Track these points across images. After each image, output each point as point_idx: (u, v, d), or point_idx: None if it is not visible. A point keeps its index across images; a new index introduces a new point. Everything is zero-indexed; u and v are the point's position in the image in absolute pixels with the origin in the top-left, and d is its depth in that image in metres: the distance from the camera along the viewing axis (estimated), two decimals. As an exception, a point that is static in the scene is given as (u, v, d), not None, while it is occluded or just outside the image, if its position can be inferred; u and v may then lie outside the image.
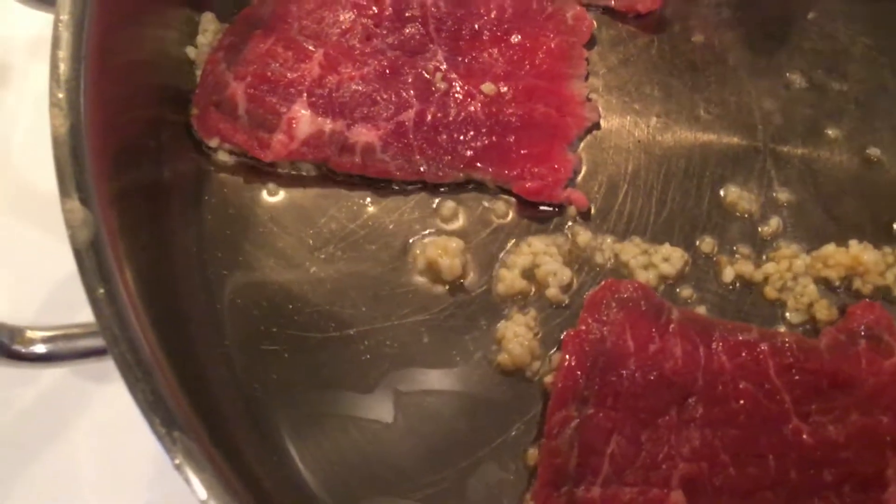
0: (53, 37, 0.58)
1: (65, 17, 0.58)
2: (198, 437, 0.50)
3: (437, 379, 0.70)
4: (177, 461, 0.48)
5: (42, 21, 0.80)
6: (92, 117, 0.59)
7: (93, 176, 0.56)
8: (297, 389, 0.69)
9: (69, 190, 0.53)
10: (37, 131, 0.86)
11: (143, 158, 0.70)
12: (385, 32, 0.80)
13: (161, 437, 0.49)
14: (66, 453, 0.73)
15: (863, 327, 0.69)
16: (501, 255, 0.74)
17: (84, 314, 0.77)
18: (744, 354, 0.68)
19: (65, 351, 0.58)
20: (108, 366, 0.57)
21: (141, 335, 0.52)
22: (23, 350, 0.57)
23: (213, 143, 0.75)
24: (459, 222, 0.75)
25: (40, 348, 0.57)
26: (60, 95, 0.56)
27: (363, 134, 0.76)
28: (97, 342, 0.57)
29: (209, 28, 0.79)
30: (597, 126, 0.79)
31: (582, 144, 0.79)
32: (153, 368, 0.51)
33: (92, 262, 0.52)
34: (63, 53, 0.57)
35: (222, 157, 0.76)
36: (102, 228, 0.53)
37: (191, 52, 0.78)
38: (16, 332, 0.57)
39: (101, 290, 0.51)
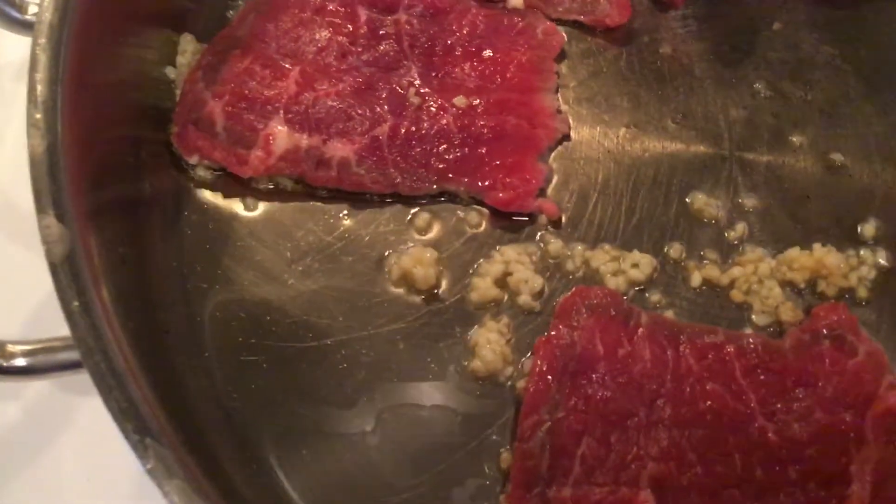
0: (31, 59, 0.60)
1: (42, 40, 0.60)
2: (172, 445, 0.52)
3: (412, 386, 0.71)
4: (149, 466, 0.50)
5: (28, 45, 0.82)
6: (70, 136, 0.61)
7: (70, 193, 0.57)
8: (276, 399, 0.70)
9: (45, 207, 0.55)
10: (22, 152, 0.89)
11: (122, 175, 0.72)
12: (360, 50, 0.82)
13: (133, 444, 0.50)
14: (51, 466, 0.75)
15: (826, 328, 0.70)
16: (475, 264, 0.76)
17: (66, 328, 0.80)
18: (710, 356, 0.69)
19: (45, 364, 0.59)
20: (92, 378, 0.60)
21: (115, 346, 0.54)
22: (4, 364, 0.58)
23: (193, 159, 0.77)
24: (434, 233, 0.77)
25: (21, 361, 0.59)
26: (38, 116, 0.58)
27: (339, 149, 0.78)
28: (77, 354, 0.59)
29: (188, 48, 0.81)
30: (567, 137, 0.81)
31: (553, 155, 0.81)
32: (126, 377, 0.53)
33: (67, 276, 0.54)
34: (40, 76, 0.59)
35: (201, 172, 0.78)
36: (79, 244, 0.55)
37: (170, 71, 0.80)
38: (-5, 347, 0.59)
39: (76, 304, 0.53)
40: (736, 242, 0.76)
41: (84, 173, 0.62)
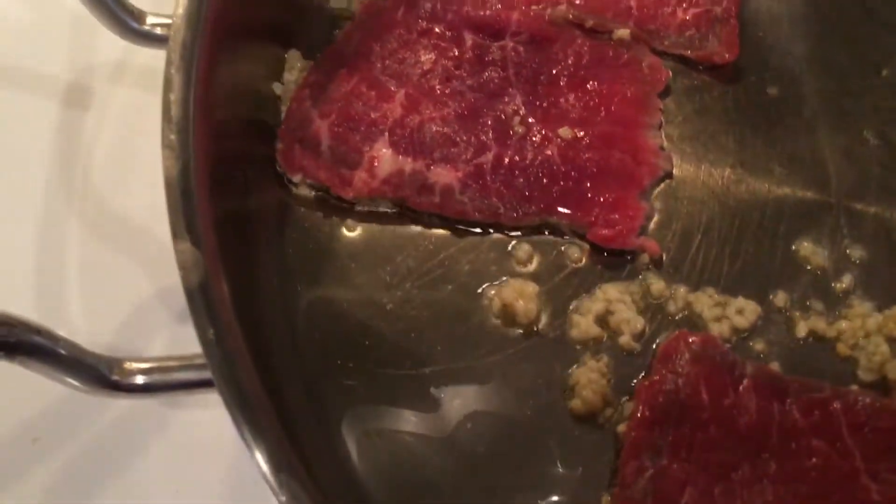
0: (165, 79, 0.59)
1: (176, 59, 0.60)
2: (300, 478, 0.51)
3: (510, 421, 0.71)
4: (283, 500, 0.50)
5: (121, 47, 0.82)
6: (196, 152, 0.61)
7: (200, 215, 0.57)
8: (374, 426, 0.70)
9: (181, 232, 0.55)
10: (116, 155, 0.89)
11: (233, 192, 0.72)
12: (465, 75, 0.82)
13: (268, 480, 0.50)
14: (139, 479, 0.74)
15: (936, 390, 0.69)
16: (575, 300, 0.75)
17: (160, 338, 0.80)
18: (817, 413, 0.68)
19: (160, 382, 0.59)
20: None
21: (246, 376, 0.53)
22: (121, 381, 0.58)
23: (297, 178, 0.77)
24: (534, 266, 0.76)
25: (139, 379, 0.59)
26: (172, 137, 0.57)
27: (443, 175, 0.77)
28: (192, 375, 0.59)
29: (295, 65, 0.81)
30: (669, 175, 0.80)
31: (656, 193, 0.80)
32: (258, 409, 0.52)
33: (202, 303, 0.54)
34: (174, 96, 0.59)
35: (303, 190, 0.78)
36: (210, 268, 0.55)
37: (277, 87, 0.80)
38: (114, 364, 0.59)
39: (211, 332, 0.53)
40: (842, 294, 0.75)
41: (206, 193, 0.62)
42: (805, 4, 0.88)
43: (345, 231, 0.77)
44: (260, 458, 0.50)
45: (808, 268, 0.76)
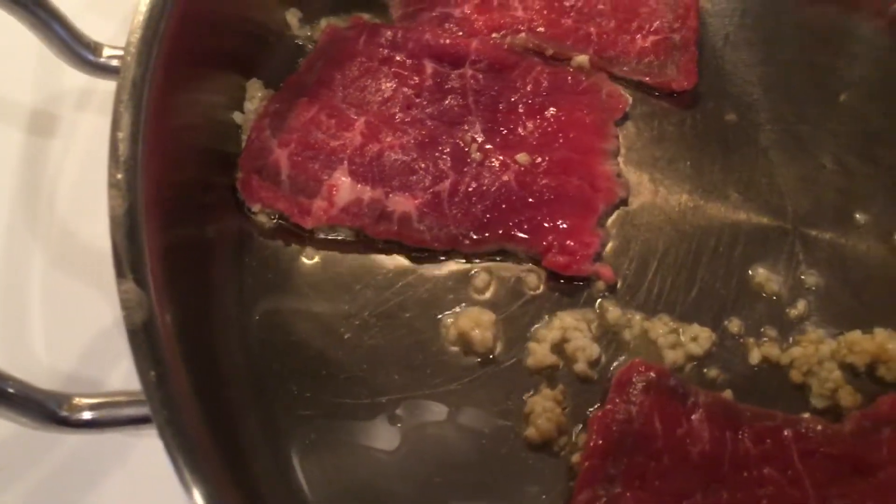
0: (113, 118, 0.60)
1: (125, 97, 0.60)
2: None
3: (465, 450, 0.71)
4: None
5: (90, 79, 0.82)
6: (146, 187, 0.61)
7: (147, 253, 0.57)
8: (330, 458, 0.70)
9: (125, 271, 0.55)
10: (82, 182, 0.90)
11: (188, 221, 0.72)
12: (425, 103, 0.83)
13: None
14: (102, 505, 0.75)
15: (887, 417, 0.70)
16: (532, 328, 0.75)
17: (121, 366, 0.80)
18: (768, 441, 0.69)
19: (110, 418, 0.59)
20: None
21: (188, 416, 0.54)
22: (70, 417, 0.59)
23: (256, 207, 0.78)
24: (492, 293, 0.77)
25: (87, 415, 0.59)
26: (119, 176, 0.58)
27: (401, 203, 0.78)
28: (142, 411, 0.59)
29: (256, 94, 0.81)
30: (625, 202, 0.81)
31: (613, 219, 0.80)
32: (200, 451, 0.53)
33: (144, 344, 0.54)
34: (122, 134, 0.59)
35: (262, 219, 0.78)
36: (156, 309, 0.55)
37: (237, 117, 0.81)
38: (63, 399, 0.59)
39: (153, 373, 0.53)
40: (796, 320, 0.76)
41: (157, 225, 0.63)
42: (764, 31, 0.89)
43: (304, 260, 0.78)
44: (199, 501, 0.51)
45: (763, 294, 0.77)
